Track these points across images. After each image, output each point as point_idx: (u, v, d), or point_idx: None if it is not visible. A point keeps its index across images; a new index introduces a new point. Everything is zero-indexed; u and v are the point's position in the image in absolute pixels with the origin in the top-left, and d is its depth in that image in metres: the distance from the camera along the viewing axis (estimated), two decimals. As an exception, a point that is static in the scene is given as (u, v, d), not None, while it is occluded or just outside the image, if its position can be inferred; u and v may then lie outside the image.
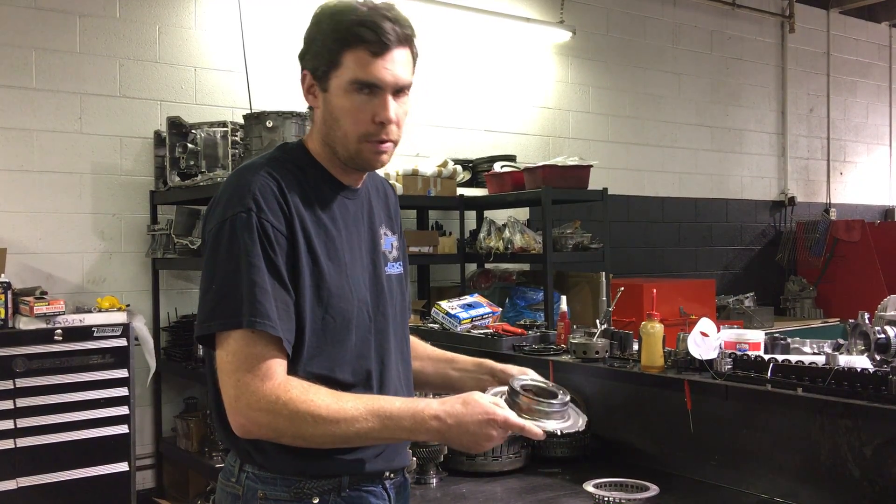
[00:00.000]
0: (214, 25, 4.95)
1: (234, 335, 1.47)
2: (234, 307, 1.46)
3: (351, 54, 1.53)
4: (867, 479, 2.00)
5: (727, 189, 7.60)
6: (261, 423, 1.46)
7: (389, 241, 1.76)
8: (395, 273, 1.76)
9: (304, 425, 1.45)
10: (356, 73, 1.53)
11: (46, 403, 3.76)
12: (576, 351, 2.81)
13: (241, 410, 1.46)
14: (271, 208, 1.51)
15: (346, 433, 1.46)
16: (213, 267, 1.51)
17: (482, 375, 1.84)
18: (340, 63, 1.54)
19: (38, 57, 4.41)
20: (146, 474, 4.65)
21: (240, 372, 1.46)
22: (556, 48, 6.44)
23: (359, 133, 1.56)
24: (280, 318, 1.48)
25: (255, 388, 1.45)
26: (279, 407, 1.44)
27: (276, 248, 1.50)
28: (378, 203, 1.78)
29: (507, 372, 1.80)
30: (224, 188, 1.58)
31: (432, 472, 2.46)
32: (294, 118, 4.12)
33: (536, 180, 4.81)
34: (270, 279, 1.48)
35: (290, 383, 1.47)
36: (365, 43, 1.52)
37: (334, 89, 1.56)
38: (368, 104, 1.55)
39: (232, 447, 1.61)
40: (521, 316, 4.76)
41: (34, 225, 4.41)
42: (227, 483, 1.62)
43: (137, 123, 4.68)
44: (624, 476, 2.17)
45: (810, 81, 8.25)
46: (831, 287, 7.56)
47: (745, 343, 2.44)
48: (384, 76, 1.54)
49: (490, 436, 1.50)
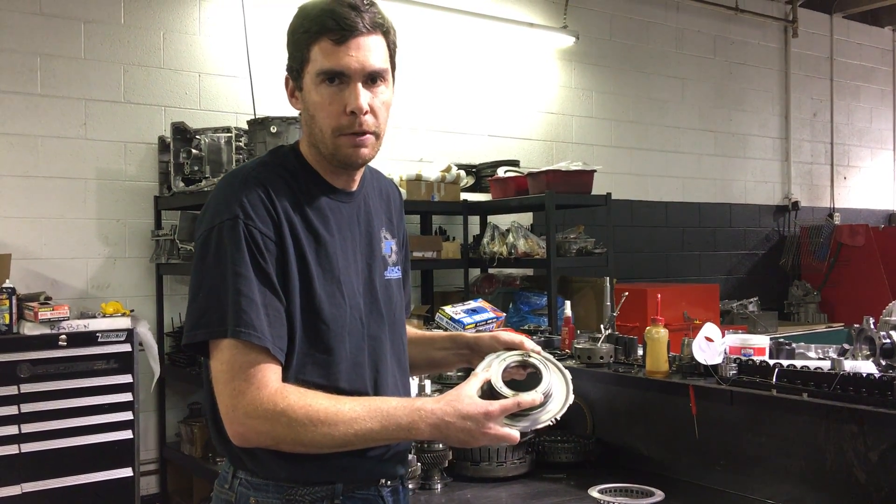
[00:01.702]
0: (218, 31, 4.96)
1: (225, 344, 1.45)
2: (219, 316, 1.45)
3: (316, 46, 1.52)
4: (873, 484, 1.99)
5: (731, 194, 7.59)
6: (259, 431, 1.44)
7: (389, 245, 1.73)
8: (395, 278, 1.73)
9: (304, 431, 1.43)
10: (321, 63, 1.51)
11: (51, 409, 3.76)
12: (580, 356, 2.81)
13: (238, 419, 1.45)
14: (259, 214, 1.49)
15: (346, 435, 1.44)
16: (200, 275, 1.49)
17: (461, 350, 1.82)
18: (309, 57, 1.53)
19: (42, 63, 4.43)
20: (150, 480, 4.65)
21: (235, 381, 1.44)
22: (559, 53, 6.44)
23: (332, 126, 1.53)
24: (271, 325, 1.46)
25: (251, 396, 1.43)
26: (277, 414, 1.43)
27: (266, 254, 1.48)
28: (379, 206, 1.74)
29: (480, 344, 1.76)
30: (213, 195, 1.56)
31: (437, 477, 2.46)
32: (298, 124, 4.13)
33: (540, 185, 4.82)
34: (259, 287, 1.46)
35: (287, 390, 1.46)
36: (327, 32, 1.50)
37: (307, 85, 1.55)
38: (338, 95, 1.52)
39: (226, 454, 1.60)
40: (525, 321, 4.76)
41: (39, 230, 4.42)
42: (221, 490, 1.61)
43: (142, 129, 4.69)
44: (629, 481, 2.18)
45: (814, 86, 8.24)
46: (835, 292, 7.54)
47: (750, 348, 2.45)
48: (349, 63, 1.50)
49: (487, 431, 1.46)
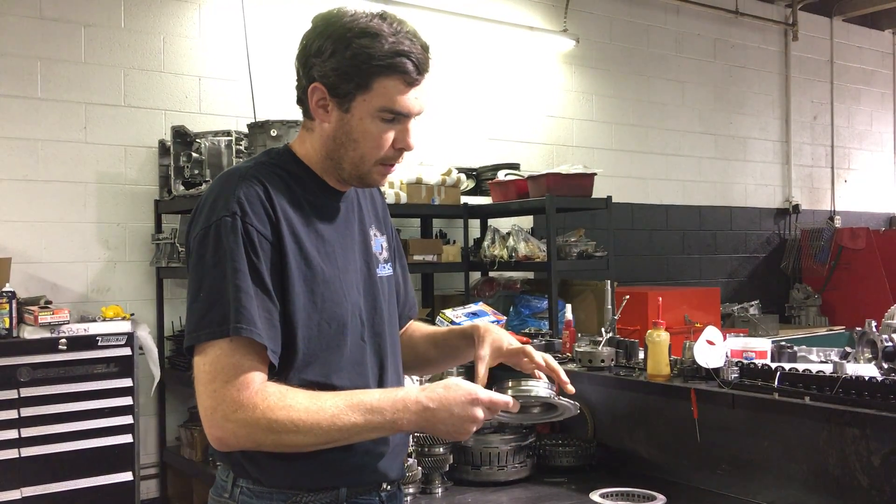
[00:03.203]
0: (218, 35, 4.97)
1: (214, 343, 1.42)
2: (222, 315, 1.42)
3: (385, 81, 1.49)
4: (875, 488, 1.99)
5: (731, 197, 7.59)
6: (239, 434, 1.41)
7: (379, 243, 1.73)
8: (387, 275, 1.72)
9: (285, 433, 1.40)
10: (387, 101, 1.50)
11: (51, 413, 3.75)
12: (581, 359, 2.80)
13: (217, 423, 1.41)
14: (256, 213, 1.47)
15: (329, 432, 1.41)
16: (200, 274, 1.46)
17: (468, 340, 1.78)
18: (371, 88, 1.50)
19: (43, 67, 4.43)
20: (150, 484, 4.64)
21: (216, 382, 1.41)
22: (559, 57, 6.44)
23: (377, 158, 1.55)
24: (265, 324, 1.44)
25: (231, 398, 1.40)
26: (257, 417, 1.39)
27: (260, 253, 1.46)
28: (366, 204, 1.74)
29: (484, 335, 1.73)
30: (208, 193, 1.54)
31: (437, 481, 2.46)
32: (298, 127, 4.12)
33: (540, 188, 4.81)
34: (253, 286, 1.44)
35: (267, 390, 1.41)
36: (403, 74, 1.49)
37: (358, 112, 1.52)
38: (391, 131, 1.53)
39: (223, 460, 1.56)
40: (526, 324, 4.75)
41: (39, 234, 4.41)
42: (220, 499, 1.57)
43: (142, 133, 4.69)
44: (630, 485, 2.17)
45: (814, 89, 8.24)
46: (836, 295, 7.54)
47: (751, 351, 2.44)
48: (414, 106, 1.53)
49: (475, 417, 1.45)
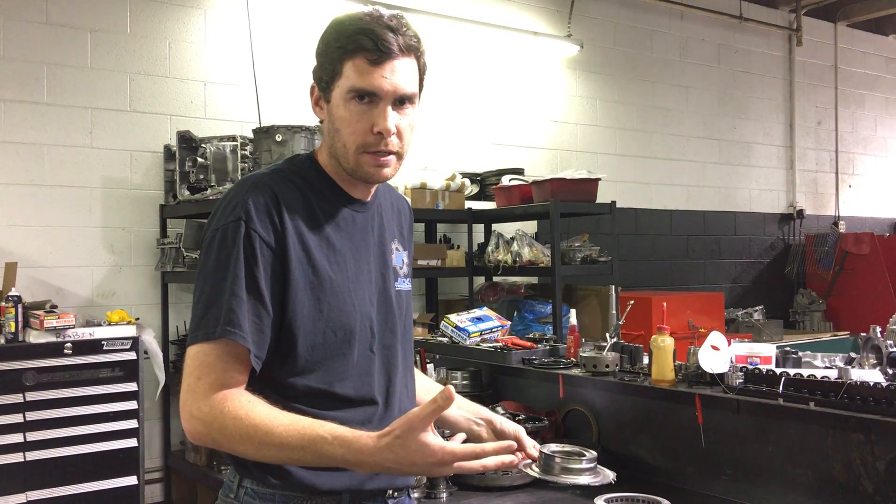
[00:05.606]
0: (224, 40, 4.98)
1: (205, 343, 1.45)
2: (215, 318, 1.45)
3: (350, 63, 1.52)
4: (880, 494, 1.98)
5: (735, 202, 7.59)
6: (199, 432, 1.44)
7: (400, 257, 1.74)
8: (405, 289, 1.74)
9: (235, 442, 1.41)
10: (354, 81, 1.51)
11: (56, 417, 3.76)
12: (586, 364, 2.80)
13: (185, 417, 1.45)
14: (261, 219, 1.49)
15: (278, 458, 1.41)
16: (204, 277, 1.50)
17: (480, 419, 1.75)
18: (341, 72, 1.53)
19: (49, 72, 4.45)
20: (155, 488, 4.65)
21: (192, 378, 1.44)
22: (563, 62, 6.45)
23: (356, 143, 1.54)
24: (251, 329, 1.46)
25: (199, 396, 1.43)
26: (212, 418, 1.41)
27: (260, 259, 1.48)
28: (391, 218, 1.76)
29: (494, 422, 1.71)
30: (222, 198, 1.58)
31: (442, 486, 2.45)
32: (303, 132, 4.13)
33: (544, 193, 4.82)
34: (247, 291, 1.46)
35: (229, 396, 1.43)
36: (364, 51, 1.50)
37: (335, 99, 1.55)
38: (367, 114, 1.53)
39: (231, 462, 1.59)
40: (530, 329, 4.75)
41: (44, 239, 4.43)
42: (226, 499, 1.59)
43: (147, 138, 4.70)
44: (635, 491, 2.16)
45: (818, 94, 8.24)
46: (841, 300, 7.53)
47: (756, 357, 2.44)
48: (382, 84, 1.51)
49: (441, 471, 1.37)
